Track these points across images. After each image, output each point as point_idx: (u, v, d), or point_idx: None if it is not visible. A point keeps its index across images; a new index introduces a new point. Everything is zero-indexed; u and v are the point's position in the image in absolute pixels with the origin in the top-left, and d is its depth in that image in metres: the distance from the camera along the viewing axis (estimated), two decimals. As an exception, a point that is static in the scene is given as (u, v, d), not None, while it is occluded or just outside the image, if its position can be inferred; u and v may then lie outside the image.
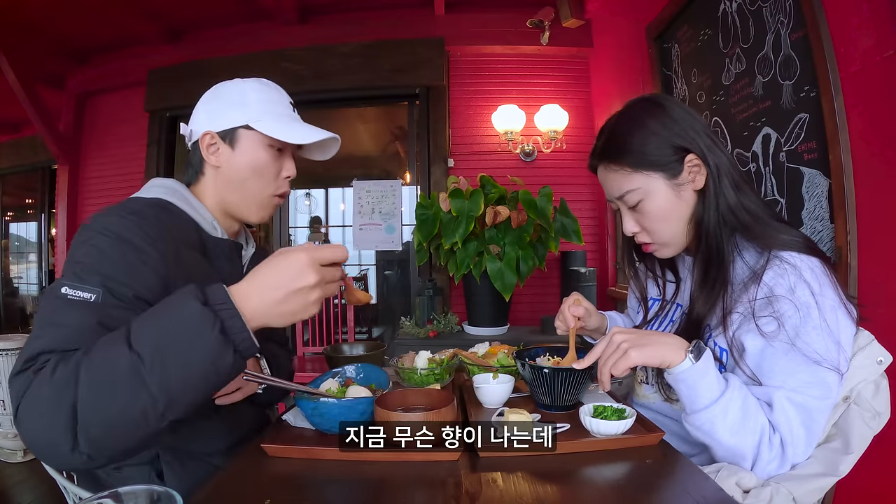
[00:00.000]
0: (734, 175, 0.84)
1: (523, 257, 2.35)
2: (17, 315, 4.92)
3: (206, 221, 0.91)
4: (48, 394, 0.58)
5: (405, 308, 3.53)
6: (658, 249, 0.92)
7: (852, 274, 1.15)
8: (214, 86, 0.95)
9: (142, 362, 0.56)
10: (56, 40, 3.37)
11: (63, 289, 0.68)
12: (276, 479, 0.70)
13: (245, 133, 0.90)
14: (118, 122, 3.60)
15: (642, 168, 0.84)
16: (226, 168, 0.91)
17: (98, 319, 0.66)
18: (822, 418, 0.76)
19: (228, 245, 0.94)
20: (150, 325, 0.59)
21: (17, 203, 5.12)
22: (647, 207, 0.86)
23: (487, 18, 3.11)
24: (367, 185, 3.21)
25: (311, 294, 0.61)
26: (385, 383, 0.95)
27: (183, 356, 0.57)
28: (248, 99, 0.91)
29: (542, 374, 0.87)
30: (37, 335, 0.65)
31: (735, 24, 1.59)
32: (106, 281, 0.70)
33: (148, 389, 0.56)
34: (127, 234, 0.74)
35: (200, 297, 0.59)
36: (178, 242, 0.81)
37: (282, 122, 0.91)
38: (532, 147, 3.04)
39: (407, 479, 0.69)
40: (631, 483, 0.69)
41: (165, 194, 0.88)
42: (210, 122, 0.91)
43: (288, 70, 3.16)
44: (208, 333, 0.57)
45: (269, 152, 0.91)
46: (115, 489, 0.45)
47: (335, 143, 0.99)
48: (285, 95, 0.96)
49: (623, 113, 0.91)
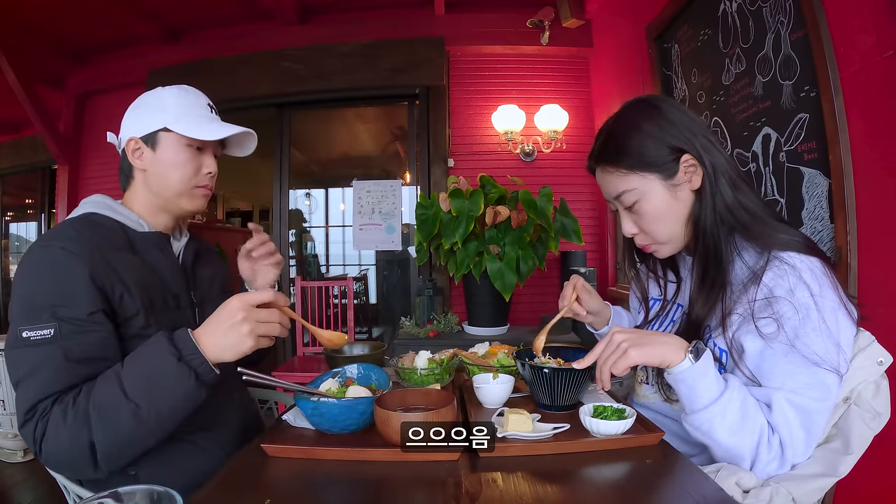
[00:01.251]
0: (732, 174, 0.84)
1: (523, 257, 2.35)
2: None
3: (132, 221, 0.97)
4: (66, 437, 0.73)
5: (405, 308, 3.53)
6: (657, 249, 0.92)
7: (852, 274, 1.15)
8: (139, 96, 1.01)
9: (138, 408, 0.74)
10: (56, 40, 3.37)
11: (24, 333, 0.77)
12: (276, 479, 0.70)
13: (164, 135, 0.96)
14: (118, 122, 3.57)
15: (638, 169, 0.85)
16: (151, 170, 0.98)
17: (64, 353, 0.77)
18: (821, 420, 0.75)
19: (156, 236, 0.99)
20: (138, 376, 0.75)
21: (17, 203, 5.12)
22: (644, 208, 0.87)
23: (487, 18, 3.11)
24: (367, 185, 3.21)
25: (241, 327, 0.76)
26: (385, 383, 0.95)
27: (169, 400, 0.76)
28: (167, 104, 0.97)
29: (542, 374, 0.87)
30: (24, 388, 0.76)
31: (735, 24, 1.58)
32: (54, 312, 0.78)
33: (147, 424, 0.75)
34: (53, 262, 0.81)
35: (175, 353, 0.75)
36: (102, 250, 0.86)
37: (198, 122, 0.97)
38: (532, 147, 3.04)
39: (407, 479, 0.69)
40: (631, 483, 0.69)
41: (90, 207, 0.96)
42: (134, 129, 0.98)
43: (288, 70, 3.15)
44: (186, 381, 0.75)
45: (187, 151, 0.97)
46: (115, 489, 0.45)
47: (252, 138, 1.06)
48: (203, 98, 1.02)
49: (619, 115, 0.91)
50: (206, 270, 1.09)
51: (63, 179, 3.65)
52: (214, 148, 1.02)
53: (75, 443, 0.73)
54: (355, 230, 3.20)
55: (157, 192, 0.99)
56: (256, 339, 0.77)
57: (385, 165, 5.18)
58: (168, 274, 0.97)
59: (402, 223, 3.20)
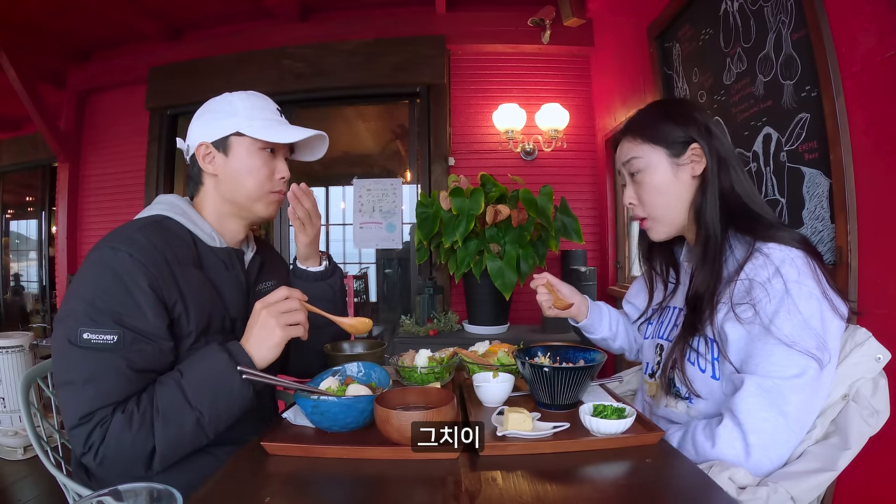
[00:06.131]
0: (737, 172, 0.90)
1: (524, 256, 2.35)
2: (18, 313, 4.92)
3: (205, 233, 0.95)
4: (129, 444, 0.76)
5: (405, 306, 3.53)
6: (651, 227, 0.98)
7: (853, 274, 1.15)
8: (206, 102, 1.00)
9: (202, 415, 0.79)
10: (57, 38, 3.36)
11: (85, 334, 0.77)
12: (275, 477, 0.70)
13: (236, 139, 0.95)
14: (119, 119, 3.59)
15: (650, 140, 0.94)
16: (222, 175, 0.96)
17: (127, 362, 0.78)
18: (797, 400, 0.75)
19: (225, 253, 0.98)
20: (200, 385, 0.79)
21: (18, 201, 5.11)
22: (646, 178, 0.95)
23: (489, 17, 3.10)
24: (368, 183, 3.20)
25: (268, 322, 0.84)
26: (385, 382, 0.95)
27: (229, 408, 0.82)
28: (237, 108, 0.96)
29: (542, 372, 0.87)
30: (81, 391, 0.76)
31: (736, 23, 1.58)
32: (119, 319, 0.78)
33: (205, 432, 0.81)
34: (122, 269, 0.80)
35: (233, 363, 0.81)
36: (171, 264, 0.86)
37: (270, 125, 0.96)
38: (533, 146, 3.03)
39: (407, 478, 0.69)
40: (630, 482, 0.70)
41: (164, 210, 0.94)
42: (204, 134, 0.96)
43: (289, 68, 3.15)
44: (246, 388, 0.82)
45: (261, 155, 0.96)
46: (116, 486, 0.45)
47: (324, 142, 1.05)
48: (271, 102, 1.02)
49: (657, 102, 1.10)
50: (267, 285, 1.07)
51: (63, 177, 3.64)
52: (285, 152, 1.01)
53: (137, 449, 0.76)
54: (355, 228, 3.20)
55: (230, 198, 0.97)
56: (285, 328, 0.84)
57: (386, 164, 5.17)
58: (230, 294, 0.96)
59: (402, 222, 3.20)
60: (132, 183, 3.47)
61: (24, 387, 1.02)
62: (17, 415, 2.58)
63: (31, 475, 2.41)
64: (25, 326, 4.64)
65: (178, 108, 3.38)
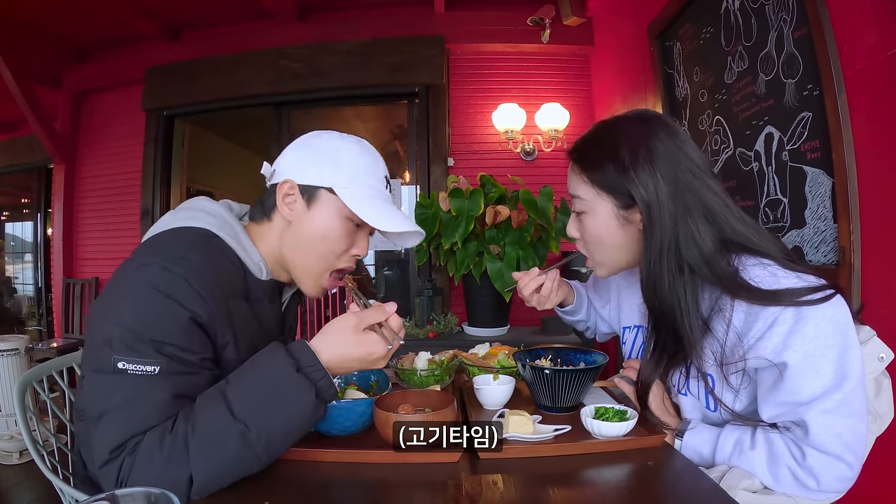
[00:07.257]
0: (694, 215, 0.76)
1: (524, 257, 2.34)
2: (14, 316, 4.91)
3: (254, 264, 0.84)
4: (160, 467, 0.63)
5: (405, 308, 3.52)
6: (593, 265, 0.92)
7: (856, 274, 1.14)
8: (311, 132, 0.88)
9: (248, 429, 0.64)
10: (53, 38, 3.35)
11: (120, 364, 0.66)
12: (274, 480, 0.69)
13: (326, 195, 0.82)
14: (115, 120, 3.58)
15: (595, 184, 0.83)
16: (296, 224, 0.83)
17: (172, 392, 0.67)
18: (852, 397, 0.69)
19: (271, 287, 0.88)
20: (248, 391, 0.66)
21: (14, 203, 5.10)
22: (588, 223, 0.86)
23: (488, 16, 3.10)
24: (367, 184, 3.19)
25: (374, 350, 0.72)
26: (385, 385, 0.94)
27: (283, 418, 0.66)
28: (342, 159, 0.82)
29: (543, 375, 0.86)
30: (112, 419, 0.65)
31: (737, 21, 1.58)
32: (164, 348, 0.68)
33: (254, 451, 0.65)
34: (176, 296, 0.69)
35: (293, 363, 0.67)
36: (226, 295, 0.76)
37: (371, 198, 0.82)
38: (532, 146, 3.03)
39: (406, 481, 0.69)
40: (632, 485, 0.69)
41: (212, 225, 0.81)
42: (294, 171, 0.83)
43: (286, 68, 3.14)
44: (305, 397, 0.67)
45: (345, 224, 0.83)
46: (113, 492, 0.44)
47: (418, 237, 0.91)
48: (382, 166, 0.87)
49: (614, 124, 0.85)
50: (291, 317, 1.00)
51: (59, 179, 3.62)
52: (372, 227, 0.85)
53: (169, 475, 0.63)
54: (354, 229, 3.18)
55: (290, 250, 0.85)
56: (386, 348, 0.73)
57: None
58: (270, 326, 0.89)
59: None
60: (129, 185, 3.46)
61: (19, 390, 1.00)
62: (12, 419, 2.56)
63: (28, 480, 2.39)
64: (21, 329, 4.63)
65: (175, 109, 3.36)
